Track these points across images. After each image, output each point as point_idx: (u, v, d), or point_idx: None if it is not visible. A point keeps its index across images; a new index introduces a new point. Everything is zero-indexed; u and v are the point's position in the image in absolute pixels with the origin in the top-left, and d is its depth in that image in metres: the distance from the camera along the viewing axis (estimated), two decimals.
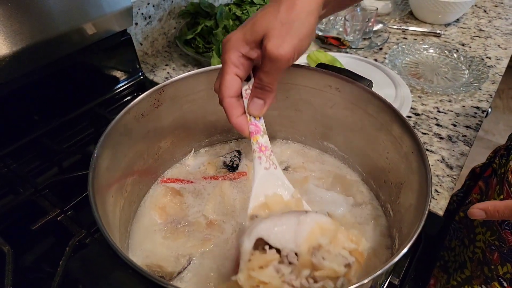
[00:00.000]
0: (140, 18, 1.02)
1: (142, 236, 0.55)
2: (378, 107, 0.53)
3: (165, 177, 0.63)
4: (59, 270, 0.54)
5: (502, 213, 0.46)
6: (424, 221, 0.37)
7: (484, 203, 0.48)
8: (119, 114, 0.49)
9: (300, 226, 0.36)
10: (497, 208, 0.47)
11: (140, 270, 0.34)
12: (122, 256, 0.35)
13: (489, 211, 0.47)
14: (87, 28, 0.80)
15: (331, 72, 0.56)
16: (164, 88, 0.55)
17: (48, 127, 0.81)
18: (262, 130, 0.46)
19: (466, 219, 0.80)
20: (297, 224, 0.37)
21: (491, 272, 0.69)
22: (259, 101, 0.44)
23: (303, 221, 0.37)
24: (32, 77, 0.75)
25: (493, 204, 0.47)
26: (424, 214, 0.37)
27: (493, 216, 0.47)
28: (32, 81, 0.75)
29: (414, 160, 0.46)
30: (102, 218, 0.38)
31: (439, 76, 1.01)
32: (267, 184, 0.45)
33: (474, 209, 0.48)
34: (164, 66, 1.07)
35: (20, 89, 0.73)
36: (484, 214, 0.47)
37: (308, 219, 0.37)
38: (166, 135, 0.60)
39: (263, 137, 0.46)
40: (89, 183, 0.41)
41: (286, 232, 0.36)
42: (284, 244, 0.35)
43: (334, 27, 1.19)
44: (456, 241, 0.81)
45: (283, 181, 0.46)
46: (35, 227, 0.61)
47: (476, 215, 0.48)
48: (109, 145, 0.47)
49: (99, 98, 0.90)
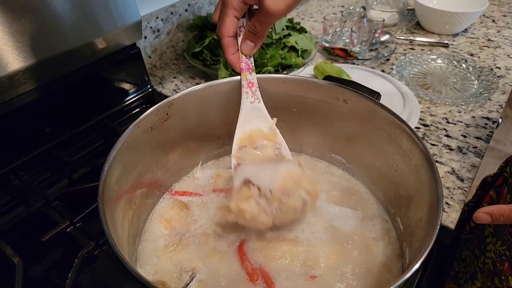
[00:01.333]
0: (149, 31, 1.04)
1: (150, 249, 0.55)
2: (386, 119, 0.53)
3: (173, 190, 0.64)
4: (68, 282, 0.54)
5: (507, 217, 0.46)
6: (436, 236, 0.36)
7: (489, 207, 0.47)
8: (128, 128, 0.50)
9: (275, 172, 0.49)
10: (502, 211, 0.46)
11: (149, 285, 0.34)
12: (131, 271, 0.35)
13: (494, 215, 0.47)
14: (98, 42, 0.81)
15: (339, 84, 0.57)
16: (173, 101, 0.55)
17: (59, 139, 0.82)
18: (251, 67, 0.55)
19: (477, 229, 0.78)
20: (274, 170, 0.50)
21: (501, 283, 0.68)
22: (250, 44, 0.53)
23: (278, 169, 0.50)
24: (44, 90, 0.76)
25: (498, 208, 0.47)
26: (435, 229, 0.37)
27: (498, 220, 0.46)
28: (44, 94, 0.76)
29: (424, 173, 0.46)
30: (111, 231, 0.38)
31: (447, 86, 1.00)
32: (251, 116, 0.56)
33: (479, 213, 0.48)
34: (172, 78, 1.09)
35: (32, 102, 0.75)
36: (489, 218, 0.47)
37: (282, 167, 0.50)
38: (175, 147, 0.61)
39: (251, 74, 0.55)
40: (99, 196, 0.41)
41: (266, 175, 0.49)
42: (263, 184, 0.48)
43: (341, 38, 1.19)
44: (467, 252, 0.80)
45: (264, 113, 0.57)
46: (45, 238, 0.62)
47: (481, 219, 0.48)
48: (118, 158, 0.48)
49: (109, 111, 0.91)
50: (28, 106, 0.75)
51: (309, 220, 0.57)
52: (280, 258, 0.52)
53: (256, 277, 0.49)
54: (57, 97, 0.80)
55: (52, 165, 0.80)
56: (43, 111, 0.79)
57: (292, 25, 1.10)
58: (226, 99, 0.59)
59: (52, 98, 0.79)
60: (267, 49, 1.00)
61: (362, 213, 0.58)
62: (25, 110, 0.75)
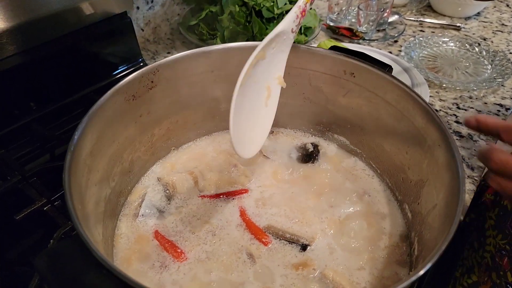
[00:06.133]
0: (142, 1, 0.97)
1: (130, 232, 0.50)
2: (399, 95, 0.47)
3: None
4: None
5: (492, 127, 0.40)
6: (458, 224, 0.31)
7: (478, 115, 0.42)
8: (106, 93, 0.44)
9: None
10: (488, 122, 0.40)
11: (115, 271, 0.29)
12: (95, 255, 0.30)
13: (480, 122, 0.41)
14: (83, 7, 0.75)
15: (346, 56, 0.51)
16: (158, 67, 0.49)
17: (41, 113, 0.77)
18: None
19: (477, 221, 0.74)
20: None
21: (499, 279, 0.63)
22: None
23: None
24: (24, 58, 0.70)
25: (485, 117, 0.41)
26: (456, 215, 0.31)
27: (484, 128, 0.40)
28: (25, 61, 0.71)
29: (441, 154, 0.40)
30: (77, 208, 0.33)
31: (459, 70, 0.94)
32: (278, 40, 0.47)
33: (468, 117, 0.42)
34: (166, 53, 1.02)
35: (12, 70, 0.69)
36: (475, 122, 0.41)
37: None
38: (161, 121, 0.55)
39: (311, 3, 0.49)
40: (65, 168, 0.35)
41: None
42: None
43: (347, 17, 1.12)
44: (466, 245, 0.75)
45: (283, 60, 0.50)
46: (19, 216, 0.57)
47: (470, 122, 0.41)
48: (93, 127, 0.42)
49: (96, 84, 0.85)
50: (7, 75, 0.69)
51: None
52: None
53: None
54: (39, 67, 0.74)
55: (32, 140, 0.75)
56: (24, 80, 0.73)
57: (295, 0, 1.03)
58: (219, 69, 0.53)
59: (34, 68, 0.73)
60: (268, 24, 0.93)
61: (367, 197, 0.53)
62: (4, 78, 0.69)
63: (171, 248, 0.48)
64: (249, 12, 0.93)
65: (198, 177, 0.55)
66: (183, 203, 0.53)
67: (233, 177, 0.56)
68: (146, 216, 0.52)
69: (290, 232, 0.49)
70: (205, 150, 0.61)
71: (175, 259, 0.46)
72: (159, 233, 0.49)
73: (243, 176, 0.55)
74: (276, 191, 0.54)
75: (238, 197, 0.53)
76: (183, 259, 0.46)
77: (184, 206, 0.52)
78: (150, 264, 0.46)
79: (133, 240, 0.49)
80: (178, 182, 0.54)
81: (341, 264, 0.46)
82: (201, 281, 0.44)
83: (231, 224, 0.50)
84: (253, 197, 0.53)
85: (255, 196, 0.54)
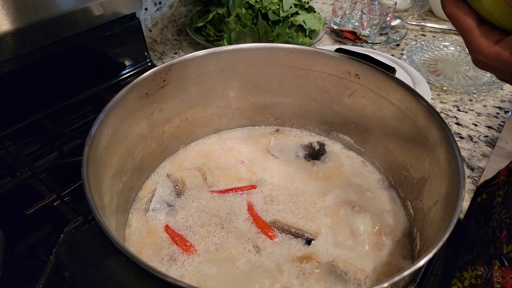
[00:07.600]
0: (150, 3, 0.99)
1: (141, 226, 0.51)
2: (402, 95, 0.49)
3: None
4: (52, 258, 0.51)
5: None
6: (457, 219, 0.32)
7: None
8: (121, 91, 0.45)
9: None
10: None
11: (133, 257, 0.30)
12: (114, 242, 0.31)
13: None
14: (93, 8, 0.76)
15: (351, 58, 0.52)
16: (171, 67, 0.51)
17: (50, 110, 0.78)
18: None
19: (487, 200, 0.75)
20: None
21: (495, 251, 0.65)
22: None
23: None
24: (36, 56, 0.72)
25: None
26: (456, 211, 0.33)
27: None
28: (36, 60, 0.72)
29: (442, 152, 0.42)
30: (96, 199, 0.34)
31: (459, 74, 0.96)
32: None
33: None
34: (173, 54, 1.04)
35: (23, 68, 0.70)
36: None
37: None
38: (172, 119, 0.57)
39: None
40: (83, 161, 0.37)
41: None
42: None
43: (350, 21, 1.14)
44: (472, 222, 0.77)
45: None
46: (30, 212, 0.58)
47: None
48: (109, 122, 0.44)
49: (104, 83, 0.86)
50: (19, 73, 0.70)
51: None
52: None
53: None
54: (50, 65, 0.75)
55: (42, 137, 0.76)
56: (35, 79, 0.74)
57: (300, 3, 1.05)
58: (229, 69, 0.55)
59: (45, 66, 0.75)
60: (273, 27, 0.95)
61: (370, 194, 0.54)
62: (15, 76, 0.70)
63: (181, 241, 0.49)
64: (255, 14, 0.95)
65: (206, 173, 0.56)
66: (193, 198, 0.54)
67: (240, 174, 0.58)
68: (156, 211, 0.53)
69: (295, 227, 0.50)
70: (213, 147, 0.63)
71: (185, 252, 0.48)
72: (169, 227, 0.51)
73: (250, 172, 0.57)
74: (283, 188, 0.56)
75: (246, 192, 0.55)
76: (192, 252, 0.48)
77: (193, 201, 0.54)
78: (160, 257, 0.48)
79: (144, 234, 0.50)
80: (187, 178, 0.55)
81: (344, 258, 0.47)
82: (209, 273, 0.46)
83: (239, 217, 0.51)
84: (261, 193, 0.55)
85: (263, 192, 0.55)
